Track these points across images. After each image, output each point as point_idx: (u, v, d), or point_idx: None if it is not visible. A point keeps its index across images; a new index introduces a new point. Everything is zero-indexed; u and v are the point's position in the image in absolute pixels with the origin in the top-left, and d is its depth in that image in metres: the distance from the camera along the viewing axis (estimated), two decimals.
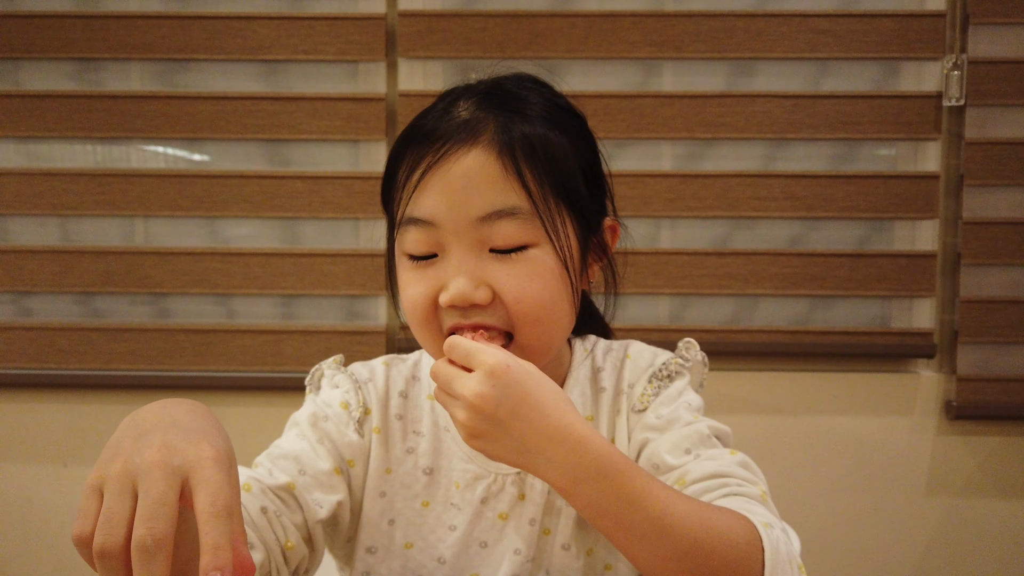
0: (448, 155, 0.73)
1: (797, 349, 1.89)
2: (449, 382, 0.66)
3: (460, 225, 0.72)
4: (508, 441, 0.64)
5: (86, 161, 1.93)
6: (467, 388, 0.64)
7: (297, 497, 0.75)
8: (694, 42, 1.86)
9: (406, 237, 0.75)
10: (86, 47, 1.89)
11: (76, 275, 1.91)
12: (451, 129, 0.74)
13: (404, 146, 0.77)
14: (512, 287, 0.72)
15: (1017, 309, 1.86)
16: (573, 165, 0.78)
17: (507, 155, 0.73)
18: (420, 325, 0.75)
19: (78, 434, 1.93)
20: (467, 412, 0.64)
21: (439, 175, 0.73)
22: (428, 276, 0.74)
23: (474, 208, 0.71)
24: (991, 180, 1.84)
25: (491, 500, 0.81)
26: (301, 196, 1.89)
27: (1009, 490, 1.90)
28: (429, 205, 0.73)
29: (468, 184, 0.72)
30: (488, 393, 0.63)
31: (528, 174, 0.73)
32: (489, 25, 1.86)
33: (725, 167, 1.88)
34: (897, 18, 1.84)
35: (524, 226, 0.72)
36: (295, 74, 1.90)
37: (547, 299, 0.73)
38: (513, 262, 0.72)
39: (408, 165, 0.75)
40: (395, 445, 0.83)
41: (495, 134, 0.73)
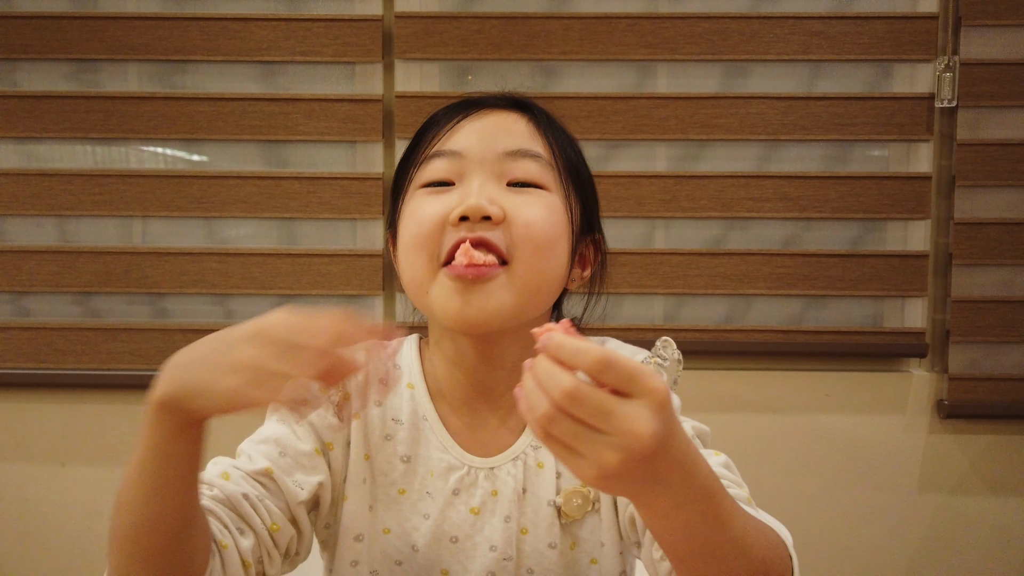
0: (485, 109, 0.81)
1: (790, 348, 1.91)
2: (606, 415, 0.50)
3: (486, 156, 0.77)
4: (643, 476, 0.52)
5: (83, 161, 1.93)
6: (641, 424, 0.49)
7: (276, 480, 0.76)
8: (688, 44, 1.87)
9: (428, 169, 0.79)
10: (83, 48, 1.89)
11: (73, 275, 1.91)
12: (483, 101, 0.83)
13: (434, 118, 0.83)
14: (524, 211, 0.75)
15: (1008, 309, 1.88)
16: (584, 169, 0.86)
17: (537, 122, 0.82)
18: (420, 246, 0.76)
19: (75, 434, 1.94)
20: (624, 454, 0.50)
21: (475, 120, 0.80)
22: (442, 199, 0.77)
23: (502, 143, 0.78)
24: (982, 181, 1.86)
25: (463, 492, 0.81)
26: (298, 197, 1.90)
27: (1000, 488, 1.92)
28: (460, 140, 0.79)
29: (500, 127, 0.79)
30: (659, 431, 0.50)
31: (553, 141, 0.81)
32: (485, 27, 1.87)
33: (719, 168, 1.90)
34: (890, 20, 1.86)
35: (543, 171, 0.79)
36: (292, 75, 1.91)
37: (551, 232, 0.77)
38: (528, 194, 0.77)
39: (445, 118, 0.81)
40: (374, 432, 0.83)
41: (527, 109, 0.83)
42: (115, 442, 1.93)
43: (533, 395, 0.51)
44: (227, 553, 0.69)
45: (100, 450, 1.93)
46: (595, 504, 0.81)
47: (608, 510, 0.82)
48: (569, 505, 0.81)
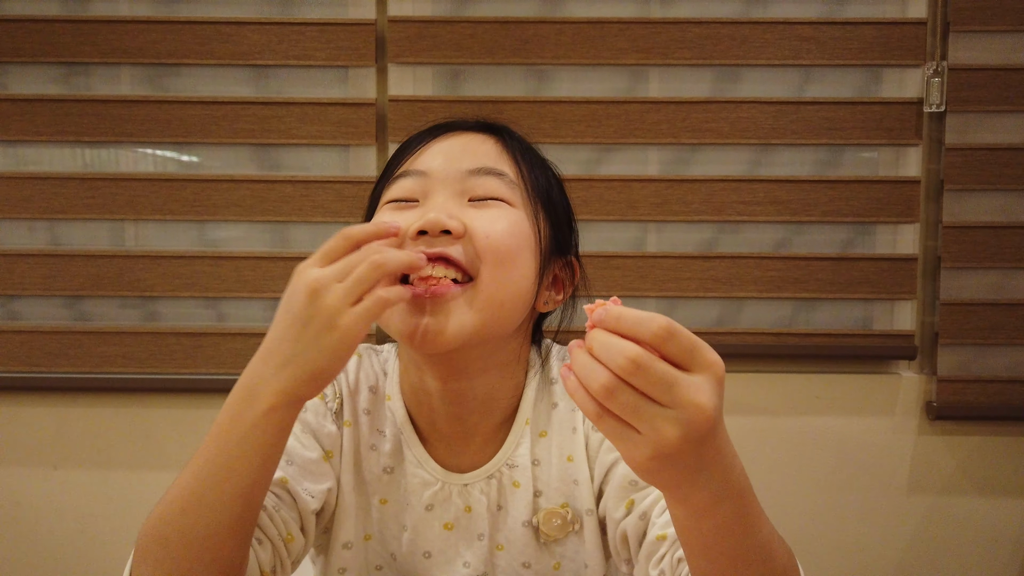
0: (455, 131, 0.81)
1: (781, 351, 1.92)
2: (670, 385, 0.49)
3: (450, 174, 0.76)
4: (693, 462, 0.51)
5: (75, 165, 1.93)
6: (704, 396, 0.49)
7: (291, 491, 0.76)
8: (680, 49, 1.88)
9: (394, 187, 0.79)
10: (74, 51, 1.89)
11: (65, 278, 1.91)
12: (455, 125, 0.83)
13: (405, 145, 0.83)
14: (483, 223, 0.74)
15: (996, 311, 1.89)
16: (557, 193, 0.85)
17: (506, 144, 0.81)
18: None
19: (67, 437, 1.93)
20: (686, 429, 0.49)
21: (443, 141, 0.80)
22: (404, 214, 0.76)
23: (467, 162, 0.77)
24: (971, 185, 1.88)
25: (437, 508, 0.81)
26: (291, 200, 1.90)
27: (988, 489, 1.94)
28: (425, 160, 0.78)
29: (466, 148, 0.79)
30: (719, 407, 0.50)
31: (521, 161, 0.80)
32: (478, 31, 1.87)
33: (710, 172, 1.91)
34: (879, 26, 1.87)
35: (507, 189, 0.77)
36: (285, 79, 1.91)
37: (513, 244, 0.74)
38: (489, 208, 0.76)
39: (413, 144, 0.82)
40: (363, 440, 0.83)
41: (498, 133, 0.82)
42: (107, 445, 1.92)
43: (588, 369, 0.50)
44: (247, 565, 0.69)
45: (92, 453, 1.93)
46: (575, 526, 0.80)
47: (592, 532, 0.81)
48: (548, 525, 0.80)
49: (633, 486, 0.76)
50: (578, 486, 0.81)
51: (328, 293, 0.61)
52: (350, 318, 0.60)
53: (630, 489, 0.76)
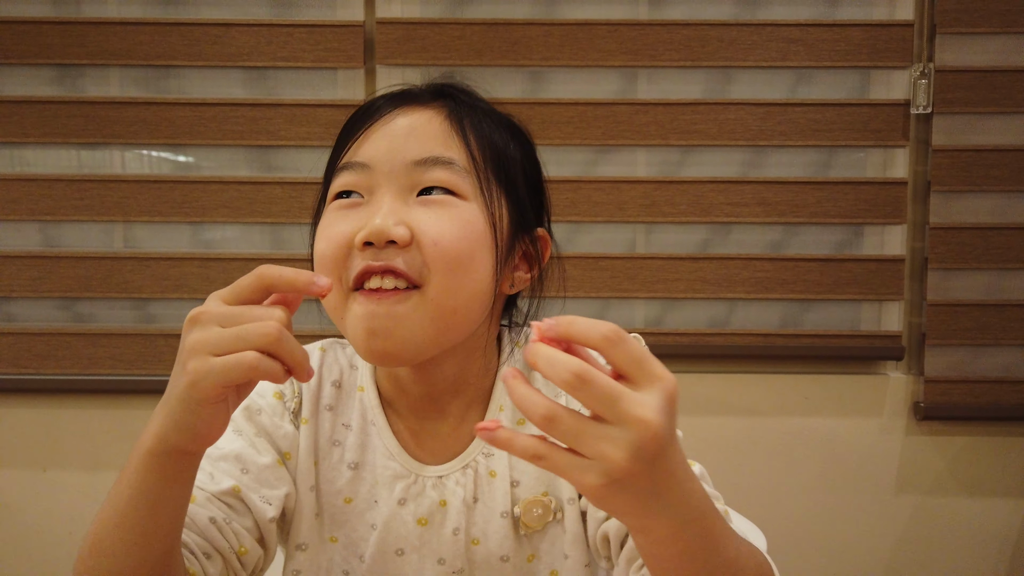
0: (398, 110, 0.75)
1: (771, 352, 1.93)
2: (615, 400, 0.47)
3: (395, 167, 0.71)
4: (645, 484, 0.49)
5: (66, 166, 1.93)
6: (650, 412, 0.47)
7: (244, 500, 0.73)
8: (669, 51, 1.89)
9: (337, 181, 0.74)
10: (65, 53, 1.89)
11: (55, 280, 1.91)
12: (406, 95, 0.77)
13: (354, 119, 0.78)
14: (431, 227, 0.69)
15: (983, 312, 1.90)
16: (516, 159, 0.79)
17: (454, 119, 0.74)
18: (328, 269, 0.71)
19: (56, 439, 1.93)
20: (632, 448, 0.47)
21: (383, 126, 0.74)
22: (349, 217, 0.71)
23: (411, 152, 0.72)
24: (957, 186, 1.89)
25: (410, 502, 0.78)
26: (281, 201, 1.90)
27: (975, 489, 1.95)
28: (368, 151, 0.73)
29: (411, 132, 0.73)
30: (666, 425, 0.47)
31: (472, 138, 0.74)
32: (467, 33, 1.88)
33: (700, 174, 1.92)
34: (867, 28, 1.88)
35: (457, 177, 0.72)
36: (275, 80, 1.91)
37: (464, 248, 0.70)
38: (437, 205, 0.71)
39: (355, 127, 0.76)
40: (323, 437, 0.80)
41: (446, 103, 0.76)
42: (97, 447, 1.92)
43: (528, 399, 0.48)
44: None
45: (82, 455, 1.93)
46: (557, 514, 0.78)
47: (574, 521, 0.79)
48: (529, 516, 0.77)
49: None
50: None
51: (198, 332, 0.55)
52: (201, 369, 0.54)
53: None
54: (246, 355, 0.54)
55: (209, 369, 0.54)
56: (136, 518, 0.60)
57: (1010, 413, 1.91)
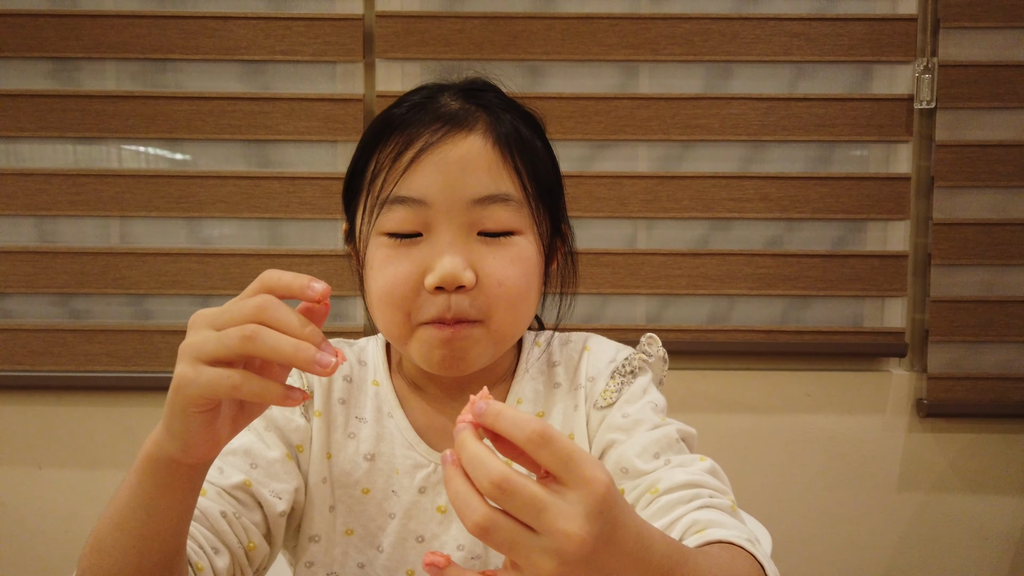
0: (445, 137, 0.73)
1: (772, 348, 1.91)
2: (538, 512, 0.46)
3: (453, 206, 0.72)
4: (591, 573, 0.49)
5: (62, 161, 1.91)
6: (574, 524, 0.45)
7: (254, 494, 0.74)
8: (670, 45, 1.88)
9: (390, 216, 0.73)
10: (61, 46, 1.87)
11: (51, 276, 1.89)
12: (445, 116, 0.75)
13: (387, 131, 0.76)
14: (496, 270, 0.72)
15: (986, 308, 1.89)
16: (549, 167, 0.82)
17: (503, 145, 0.75)
18: (394, 307, 0.73)
19: (52, 436, 1.91)
20: (559, 558, 0.46)
21: (435, 156, 0.73)
22: (411, 256, 0.72)
23: (470, 190, 0.72)
24: (961, 182, 1.88)
25: (430, 491, 0.80)
26: (279, 197, 1.88)
27: (979, 486, 1.94)
28: (422, 184, 0.72)
29: (465, 167, 0.73)
30: (595, 529, 0.46)
31: (521, 166, 0.76)
32: (467, 27, 1.86)
33: (701, 169, 1.90)
34: (870, 22, 1.87)
35: (514, 214, 0.74)
36: (273, 74, 1.90)
37: (524, 286, 0.74)
38: (500, 246, 0.73)
39: (396, 146, 0.74)
40: (336, 429, 0.81)
41: (490, 124, 0.75)
42: (93, 444, 1.91)
43: (464, 504, 0.47)
44: (202, 575, 0.67)
45: (78, 452, 1.91)
46: None
47: None
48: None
49: (624, 474, 0.76)
50: None
51: (191, 335, 0.54)
52: (185, 376, 0.53)
53: (621, 476, 0.76)
54: (231, 374, 0.52)
55: (193, 379, 0.53)
56: (134, 521, 0.60)
57: (1013, 410, 1.90)
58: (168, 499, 0.59)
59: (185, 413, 0.54)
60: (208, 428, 0.56)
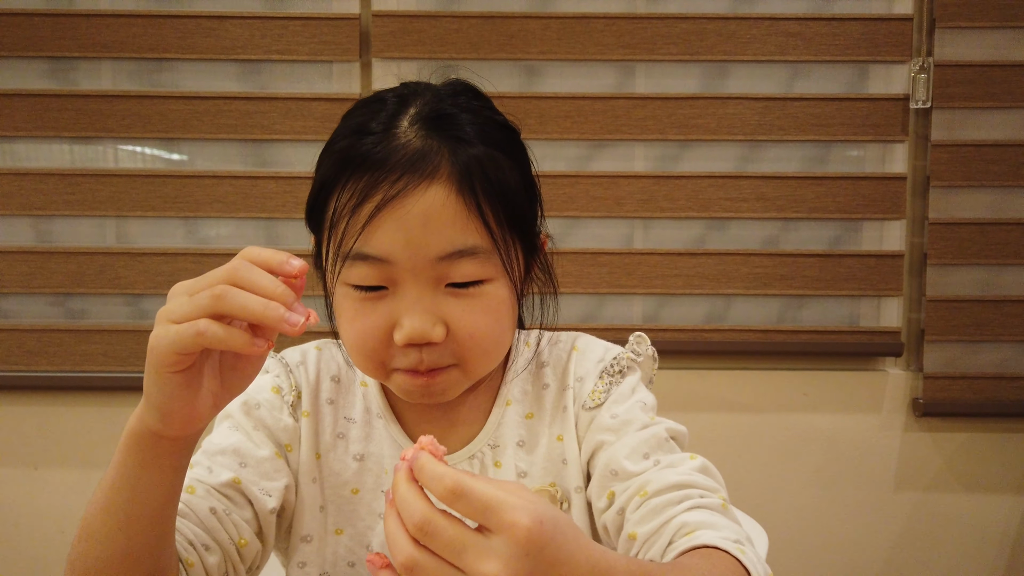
0: (405, 192, 0.68)
1: (769, 348, 1.92)
2: (459, 552, 0.47)
3: (417, 263, 0.69)
4: None
5: (58, 160, 1.91)
6: (493, 565, 0.46)
7: (244, 492, 0.74)
8: (667, 44, 1.88)
9: (354, 272, 0.70)
10: (57, 45, 1.87)
11: (47, 275, 1.89)
12: (404, 162, 0.69)
13: (344, 172, 0.71)
14: (466, 323, 0.70)
15: (982, 308, 1.89)
16: (518, 185, 0.75)
17: (467, 191, 0.70)
18: (367, 358, 0.73)
19: (48, 436, 1.91)
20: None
21: (395, 212, 0.68)
22: (378, 310, 0.70)
23: (434, 247, 0.69)
24: (957, 181, 1.88)
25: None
26: (276, 196, 1.88)
27: (975, 485, 1.94)
28: (384, 243, 0.68)
29: (428, 223, 0.68)
30: (522, 569, 0.47)
31: (488, 211, 0.71)
32: (463, 26, 1.86)
33: (698, 168, 1.90)
34: (865, 22, 1.87)
35: (483, 264, 0.71)
36: (269, 74, 1.90)
37: (498, 333, 0.73)
38: (469, 297, 0.71)
39: (354, 196, 0.70)
40: (325, 430, 0.81)
41: (452, 166, 0.69)
42: (89, 445, 1.90)
43: (393, 540, 0.48)
44: (193, 571, 0.67)
45: (73, 453, 1.91)
46: (563, 504, 0.80)
47: (581, 511, 0.80)
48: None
49: (613, 476, 0.75)
50: (567, 465, 0.80)
51: (168, 304, 0.56)
52: (157, 335, 0.55)
53: (611, 479, 0.75)
54: (196, 322, 0.54)
55: (164, 334, 0.54)
56: (119, 502, 0.60)
57: (1009, 409, 1.90)
58: (151, 476, 0.59)
59: (160, 375, 0.55)
60: (184, 392, 0.56)
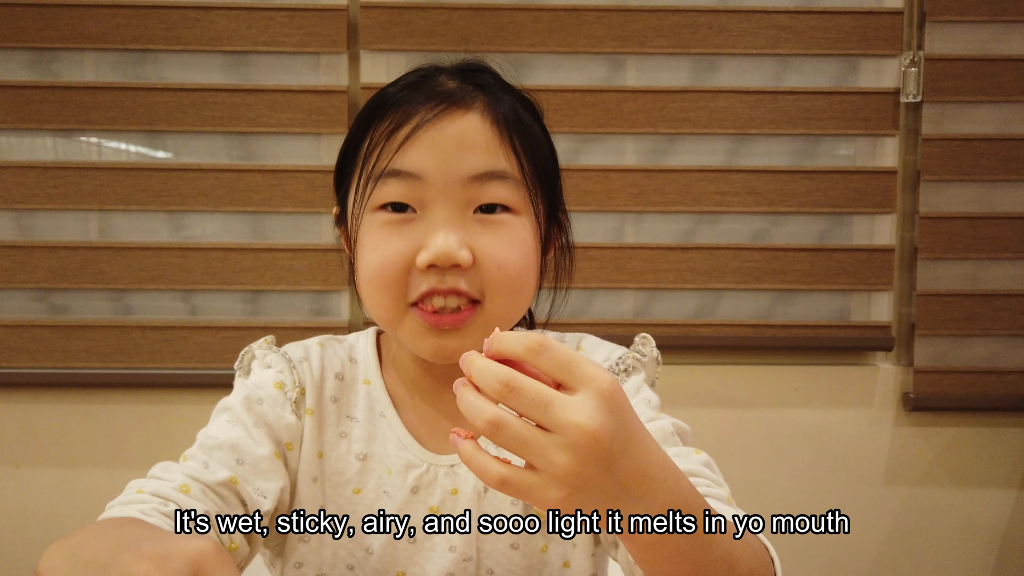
0: (442, 114, 0.72)
1: (759, 343, 1.91)
2: (545, 406, 0.47)
3: (450, 181, 0.71)
4: (609, 486, 0.49)
5: (40, 153, 1.87)
6: (583, 415, 0.46)
7: (239, 492, 0.71)
8: (657, 37, 1.87)
9: (384, 190, 0.72)
10: (39, 36, 1.84)
11: (29, 270, 1.86)
12: (442, 94, 0.73)
13: (382, 109, 0.75)
14: (494, 251, 0.71)
15: (972, 302, 1.89)
16: (547, 152, 0.80)
17: (502, 124, 0.73)
18: (386, 287, 0.71)
19: (31, 434, 1.88)
20: (574, 453, 0.47)
21: (431, 132, 0.71)
22: (404, 233, 0.71)
23: (467, 166, 0.71)
24: (947, 175, 1.88)
25: (422, 491, 0.78)
26: (262, 190, 1.86)
27: (965, 480, 1.94)
28: (418, 159, 0.71)
29: (463, 143, 0.71)
30: (608, 423, 0.47)
31: (519, 146, 0.74)
32: (452, 18, 1.84)
33: (688, 162, 1.89)
34: (856, 15, 1.87)
35: (512, 193, 0.73)
36: (255, 66, 1.87)
37: (523, 268, 0.73)
38: (497, 226, 0.72)
39: (391, 123, 0.73)
40: (328, 428, 0.80)
41: (487, 104, 0.74)
42: (72, 443, 1.88)
43: (473, 407, 0.49)
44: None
45: (56, 451, 1.88)
46: None
47: None
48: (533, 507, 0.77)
49: None
50: None
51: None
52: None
53: None
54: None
55: None
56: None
57: (999, 403, 1.90)
58: None
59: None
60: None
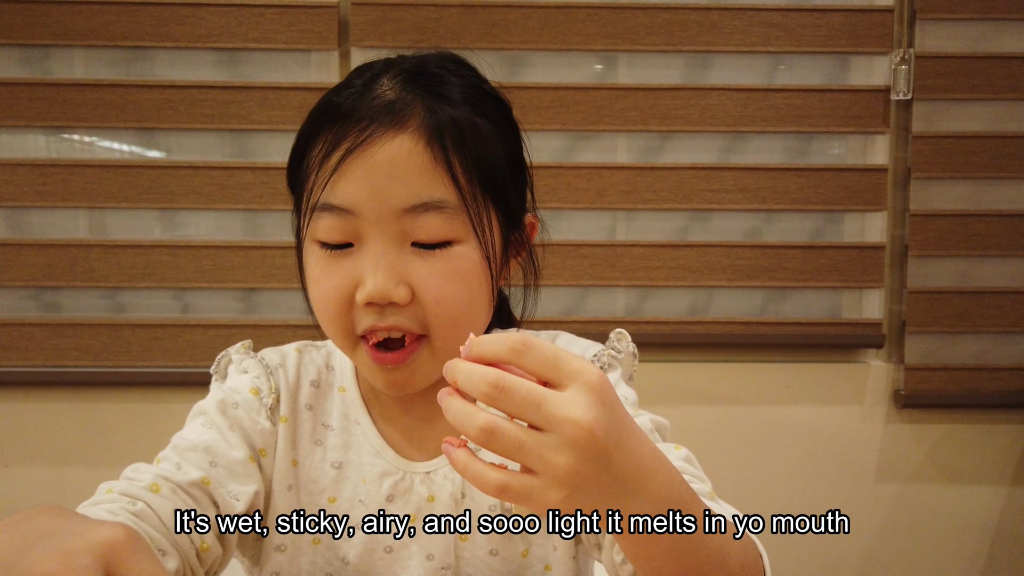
0: (372, 139, 0.67)
1: (751, 340, 1.91)
2: (538, 404, 0.46)
3: (382, 215, 0.67)
4: (607, 482, 0.48)
5: (30, 151, 1.87)
6: (577, 410, 0.45)
7: (211, 493, 0.70)
8: (649, 35, 1.87)
9: (319, 224, 0.69)
10: (29, 33, 1.83)
11: (19, 268, 1.85)
12: (375, 111, 0.68)
13: (318, 124, 0.71)
14: (432, 286, 0.67)
15: (963, 299, 1.90)
16: (500, 156, 0.73)
17: (436, 143, 0.68)
18: (331, 322, 0.70)
19: (19, 433, 1.87)
20: (572, 450, 0.46)
21: (361, 160, 0.67)
22: (343, 268, 0.68)
23: (398, 198, 0.66)
24: (937, 173, 1.88)
25: (397, 499, 0.77)
26: (253, 187, 1.85)
27: (955, 476, 1.95)
28: (348, 192, 0.67)
29: (393, 172, 0.66)
30: (602, 417, 0.46)
31: (457, 165, 0.68)
32: (443, 15, 1.84)
33: (680, 160, 1.89)
34: (847, 13, 1.87)
35: (450, 221, 0.68)
36: (246, 63, 1.86)
37: (466, 300, 0.69)
38: (435, 259, 0.68)
39: (324, 146, 0.69)
40: (303, 436, 0.78)
41: (424, 119, 0.68)
42: (61, 441, 1.87)
43: (463, 415, 0.47)
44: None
45: (45, 450, 1.87)
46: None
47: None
48: (520, 508, 0.76)
49: None
50: None
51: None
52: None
53: None
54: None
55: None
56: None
57: (989, 400, 1.91)
58: None
59: None
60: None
